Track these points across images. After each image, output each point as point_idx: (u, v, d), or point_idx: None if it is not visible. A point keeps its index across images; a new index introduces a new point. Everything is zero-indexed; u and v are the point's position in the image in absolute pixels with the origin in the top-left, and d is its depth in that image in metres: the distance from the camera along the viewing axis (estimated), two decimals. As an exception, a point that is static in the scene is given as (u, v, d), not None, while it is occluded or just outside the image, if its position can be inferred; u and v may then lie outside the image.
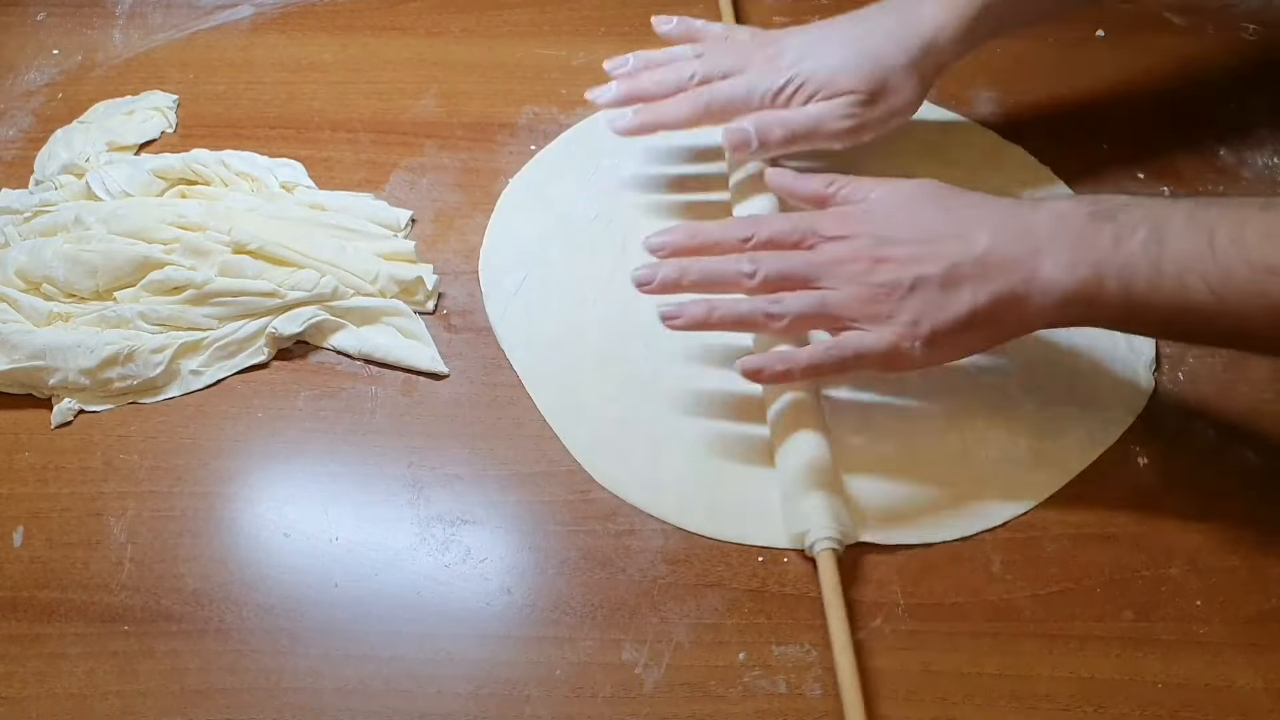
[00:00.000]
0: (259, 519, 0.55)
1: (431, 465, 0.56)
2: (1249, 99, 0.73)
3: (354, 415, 0.58)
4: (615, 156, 0.70)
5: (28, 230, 0.64)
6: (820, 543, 0.51)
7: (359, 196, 0.67)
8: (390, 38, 0.78)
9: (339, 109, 0.73)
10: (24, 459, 0.57)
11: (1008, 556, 0.53)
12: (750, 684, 0.49)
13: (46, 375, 0.58)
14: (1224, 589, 0.52)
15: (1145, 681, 0.49)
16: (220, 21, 0.80)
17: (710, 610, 0.51)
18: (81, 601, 0.52)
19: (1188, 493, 0.55)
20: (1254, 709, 0.48)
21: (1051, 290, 0.49)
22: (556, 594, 0.52)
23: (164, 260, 0.61)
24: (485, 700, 0.49)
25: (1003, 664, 0.49)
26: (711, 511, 0.54)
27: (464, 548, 0.53)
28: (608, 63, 0.66)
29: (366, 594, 0.52)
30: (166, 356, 0.59)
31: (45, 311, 0.60)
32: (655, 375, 0.59)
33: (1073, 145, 0.70)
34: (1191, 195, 0.48)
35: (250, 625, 0.51)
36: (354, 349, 0.60)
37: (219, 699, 0.49)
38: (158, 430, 0.58)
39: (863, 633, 0.50)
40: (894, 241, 0.51)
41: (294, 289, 0.61)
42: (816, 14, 0.77)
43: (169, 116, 0.73)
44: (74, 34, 0.79)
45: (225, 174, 0.67)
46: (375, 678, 0.49)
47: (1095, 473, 0.56)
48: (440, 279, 0.63)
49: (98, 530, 0.54)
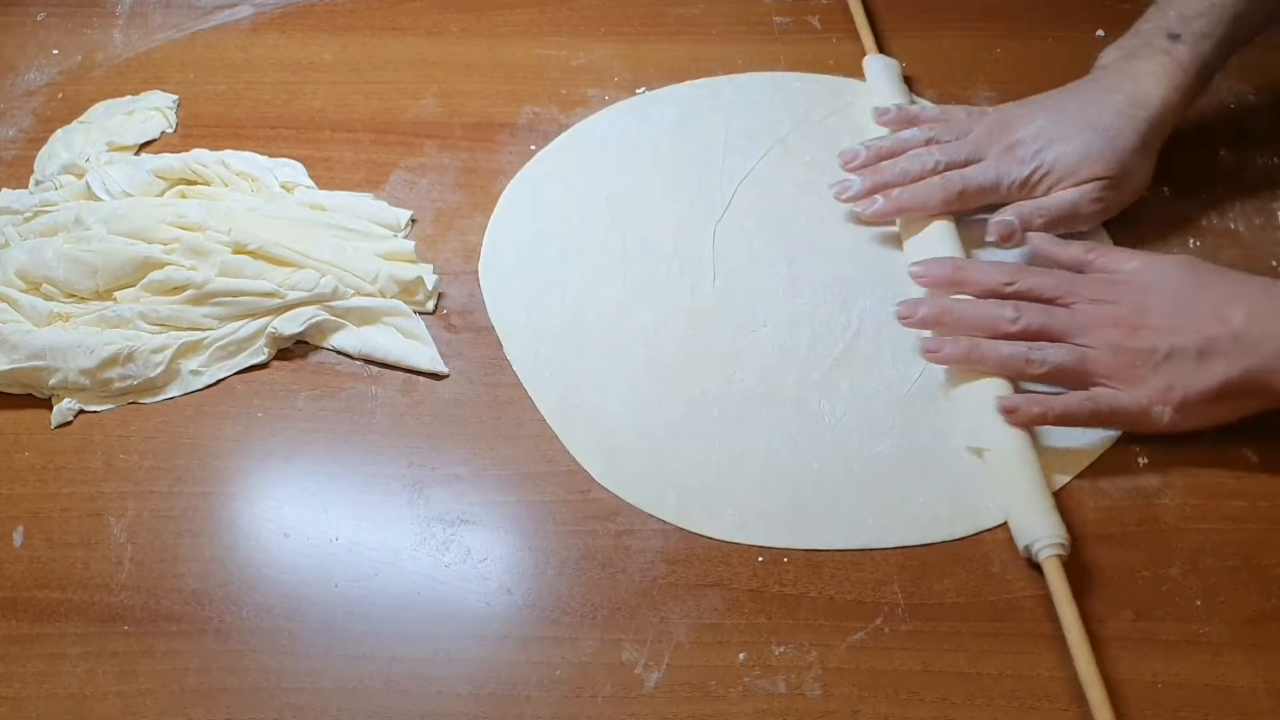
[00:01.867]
0: (259, 519, 0.55)
1: (431, 465, 0.56)
2: (1249, 99, 0.73)
3: (354, 415, 0.58)
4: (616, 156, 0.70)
5: (28, 230, 0.64)
6: (1045, 550, 0.51)
7: (359, 196, 0.67)
8: (390, 38, 0.78)
9: (339, 109, 0.73)
10: (24, 459, 0.57)
11: (1008, 556, 0.53)
12: (750, 684, 0.49)
13: (46, 375, 0.58)
14: (1224, 589, 0.52)
15: (1145, 681, 0.49)
16: (220, 21, 0.80)
17: (710, 610, 0.51)
18: (81, 601, 0.52)
19: (1188, 493, 0.55)
20: (1254, 709, 0.48)
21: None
22: (556, 594, 0.52)
23: (164, 260, 0.61)
24: (485, 700, 0.49)
25: (1003, 664, 0.49)
26: (711, 511, 0.54)
27: (464, 548, 0.53)
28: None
29: (366, 594, 0.52)
30: (166, 356, 0.59)
31: (45, 311, 0.60)
32: (655, 375, 0.59)
33: (1073, 145, 0.70)
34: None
35: (250, 625, 0.51)
36: (354, 349, 0.60)
37: (219, 699, 0.49)
38: (158, 430, 0.58)
39: (863, 633, 0.50)
40: (1151, 312, 0.54)
41: (294, 289, 0.61)
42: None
43: (169, 116, 0.73)
44: (74, 34, 0.79)
45: (225, 174, 0.67)
46: (375, 678, 0.49)
47: (1095, 473, 0.56)
48: (440, 279, 0.63)
49: (98, 530, 0.54)
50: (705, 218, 0.66)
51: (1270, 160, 0.69)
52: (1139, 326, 0.54)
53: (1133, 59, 0.64)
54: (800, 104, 0.73)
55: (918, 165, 0.64)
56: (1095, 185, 0.62)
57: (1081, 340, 0.55)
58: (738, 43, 0.77)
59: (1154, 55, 0.63)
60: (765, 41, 0.77)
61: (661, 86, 0.74)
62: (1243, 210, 0.67)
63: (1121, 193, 0.63)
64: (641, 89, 0.74)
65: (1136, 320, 0.54)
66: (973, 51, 0.76)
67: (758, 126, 0.71)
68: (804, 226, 0.66)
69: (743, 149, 0.70)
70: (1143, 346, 0.54)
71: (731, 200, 0.67)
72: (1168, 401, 0.53)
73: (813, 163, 0.69)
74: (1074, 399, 0.55)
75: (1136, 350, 0.54)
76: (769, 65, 0.76)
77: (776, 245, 0.65)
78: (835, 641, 0.50)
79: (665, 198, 0.68)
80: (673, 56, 0.76)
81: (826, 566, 0.53)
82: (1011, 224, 0.62)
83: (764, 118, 0.72)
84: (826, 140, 0.70)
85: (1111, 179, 0.62)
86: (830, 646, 0.50)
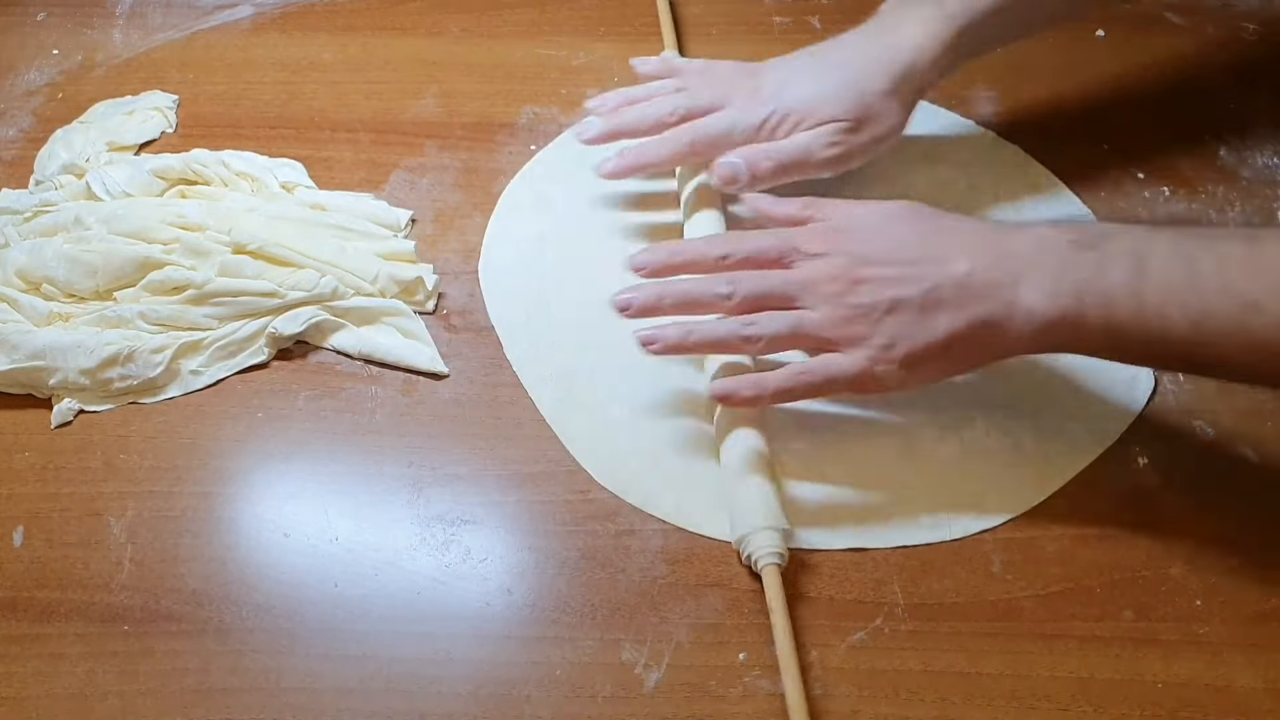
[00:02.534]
0: (259, 519, 0.55)
1: (431, 465, 0.56)
2: (1249, 99, 0.73)
3: (354, 415, 0.58)
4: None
5: (28, 230, 0.64)
6: (764, 559, 0.50)
7: (359, 196, 0.67)
8: (390, 38, 0.78)
9: (339, 109, 0.73)
10: (24, 459, 0.57)
11: (1008, 556, 0.53)
12: (750, 684, 0.49)
13: (46, 375, 0.58)
14: (1224, 589, 0.52)
15: (1145, 681, 0.49)
16: (220, 21, 0.80)
17: (710, 610, 0.51)
18: (81, 601, 0.52)
19: (1188, 493, 0.55)
20: (1254, 709, 0.48)
21: (1032, 317, 0.49)
22: (556, 594, 0.52)
23: (164, 260, 0.61)
24: (485, 700, 0.49)
25: (1003, 664, 0.50)
26: (711, 511, 0.54)
27: (464, 548, 0.53)
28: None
29: (366, 594, 0.52)
30: (166, 356, 0.59)
31: (45, 311, 0.60)
32: (655, 375, 0.59)
33: (1073, 145, 0.70)
34: (1175, 226, 0.49)
35: (250, 625, 0.51)
36: (354, 349, 0.60)
37: (219, 699, 0.49)
38: (158, 430, 0.58)
39: (863, 633, 0.50)
40: (873, 261, 0.51)
41: (294, 289, 0.61)
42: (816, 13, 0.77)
43: (169, 116, 0.73)
44: (74, 34, 0.79)
45: (225, 174, 0.67)
46: (375, 678, 0.49)
47: (1095, 473, 0.56)
48: (440, 279, 0.63)
49: (98, 530, 0.54)
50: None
51: (1270, 160, 0.69)
52: (860, 279, 0.51)
53: (903, 6, 0.62)
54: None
55: (654, 111, 0.62)
56: (832, 127, 0.59)
57: (802, 303, 0.51)
58: (738, 43, 0.77)
59: (925, 4, 0.61)
60: (765, 41, 0.77)
61: (661, 86, 0.74)
62: (1243, 210, 0.67)
63: (862, 137, 0.60)
64: (641, 89, 0.74)
65: (857, 272, 0.51)
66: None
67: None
68: (804, 226, 0.66)
69: (743, 149, 0.70)
70: (863, 301, 0.50)
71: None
72: (891, 359, 0.50)
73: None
74: (788, 372, 0.52)
75: (855, 306, 0.50)
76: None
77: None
78: (835, 641, 0.50)
79: (665, 198, 0.68)
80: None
81: (826, 566, 0.53)
82: (736, 166, 0.59)
83: (764, 118, 0.72)
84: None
85: (851, 121, 0.59)
86: (830, 646, 0.50)
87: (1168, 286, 0.46)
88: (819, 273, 0.52)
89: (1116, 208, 0.67)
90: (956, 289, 0.49)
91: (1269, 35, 0.66)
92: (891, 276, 0.50)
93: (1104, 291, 0.47)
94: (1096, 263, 0.48)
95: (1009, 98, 0.71)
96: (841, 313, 0.51)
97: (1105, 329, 0.48)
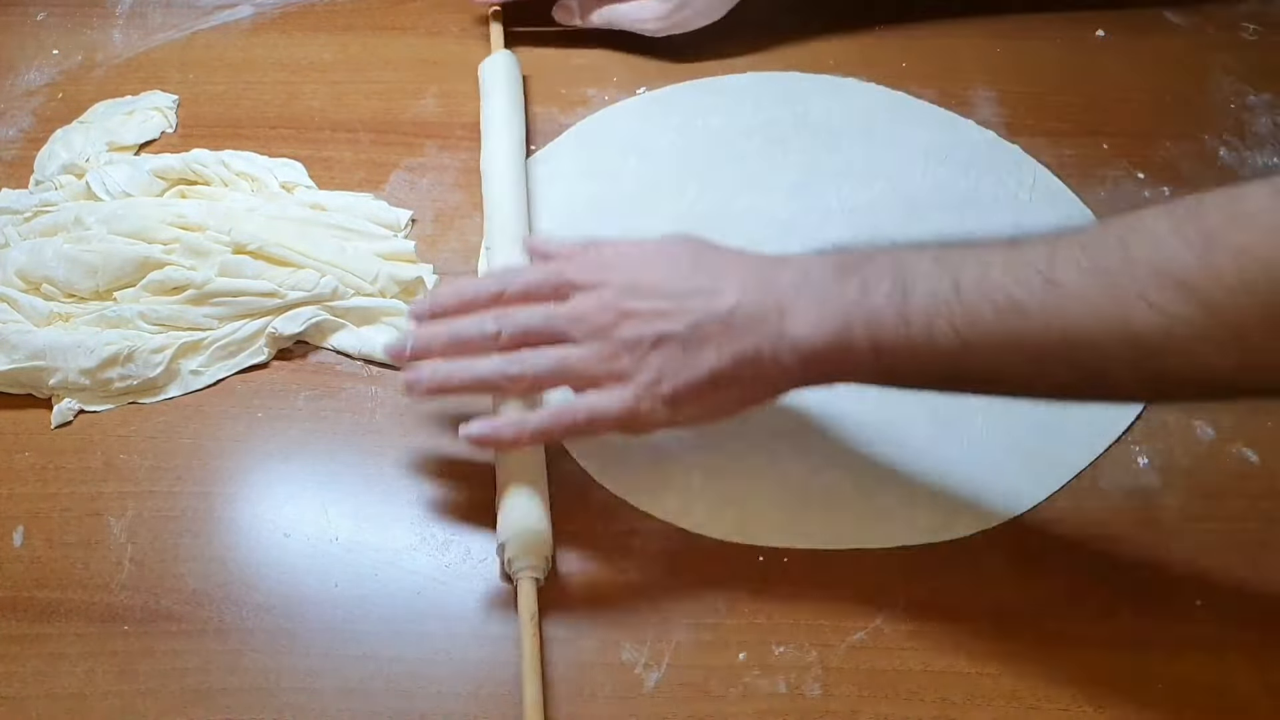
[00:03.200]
0: (259, 519, 0.55)
1: (431, 465, 0.56)
2: (1249, 99, 0.73)
3: (354, 415, 0.58)
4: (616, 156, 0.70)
5: (28, 230, 0.64)
6: (521, 572, 0.50)
7: (359, 196, 0.67)
8: (390, 38, 0.78)
9: (339, 109, 0.73)
10: (24, 459, 0.57)
11: (1008, 556, 0.53)
12: (750, 684, 0.49)
13: (46, 375, 0.58)
14: (1224, 589, 0.52)
15: (1145, 681, 0.49)
16: (220, 21, 0.80)
17: (710, 610, 0.51)
18: (81, 601, 0.52)
19: (1188, 493, 0.55)
20: (1254, 709, 0.48)
21: (799, 348, 0.47)
22: (556, 594, 0.52)
23: (164, 260, 0.61)
24: (485, 700, 0.49)
25: (1003, 664, 0.49)
26: (711, 511, 0.54)
27: (464, 548, 0.53)
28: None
29: (366, 594, 0.52)
30: (166, 356, 0.59)
31: (45, 311, 0.60)
32: (655, 375, 0.59)
33: (1073, 145, 0.70)
34: (942, 243, 0.47)
35: (250, 625, 0.51)
36: (354, 349, 0.60)
37: (219, 699, 0.49)
38: (158, 430, 0.58)
39: (863, 633, 0.50)
40: (641, 293, 0.49)
41: (294, 289, 0.61)
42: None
43: (169, 116, 0.73)
44: (74, 34, 0.79)
45: (225, 174, 0.67)
46: (375, 678, 0.49)
47: (1095, 473, 0.56)
48: (440, 279, 0.63)
49: (98, 530, 0.54)
50: (705, 218, 0.66)
51: (1270, 160, 0.69)
52: (627, 312, 0.49)
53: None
54: (801, 103, 0.73)
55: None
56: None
57: (572, 335, 0.50)
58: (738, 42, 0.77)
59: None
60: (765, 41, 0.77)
61: (661, 87, 0.74)
62: (1243, 210, 0.67)
63: None
64: (641, 89, 0.74)
65: (624, 305, 0.49)
66: (972, 51, 0.76)
67: (758, 126, 0.71)
68: (804, 227, 0.66)
69: (743, 149, 0.70)
70: (629, 336, 0.48)
71: (732, 200, 0.67)
72: (656, 397, 0.48)
73: (813, 163, 0.69)
74: (548, 414, 0.51)
75: (620, 342, 0.49)
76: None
77: (776, 246, 0.64)
78: (835, 641, 0.50)
79: (665, 198, 0.68)
80: (673, 57, 0.76)
81: (826, 566, 0.53)
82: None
83: (764, 117, 0.72)
84: (827, 139, 0.70)
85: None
86: (830, 646, 0.50)
87: (933, 299, 0.45)
88: (587, 305, 0.50)
89: (1117, 208, 0.66)
90: (721, 324, 0.48)
91: (1269, 35, 0.66)
92: (658, 311, 0.49)
93: (869, 312, 0.46)
94: (860, 286, 0.46)
95: (1009, 98, 0.71)
96: (608, 349, 0.49)
97: (874, 351, 0.46)
